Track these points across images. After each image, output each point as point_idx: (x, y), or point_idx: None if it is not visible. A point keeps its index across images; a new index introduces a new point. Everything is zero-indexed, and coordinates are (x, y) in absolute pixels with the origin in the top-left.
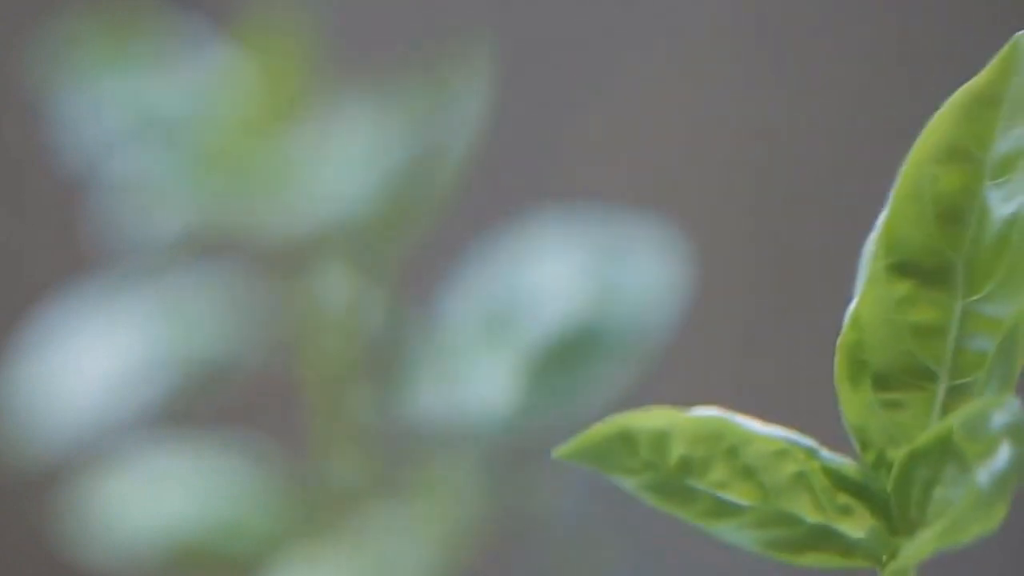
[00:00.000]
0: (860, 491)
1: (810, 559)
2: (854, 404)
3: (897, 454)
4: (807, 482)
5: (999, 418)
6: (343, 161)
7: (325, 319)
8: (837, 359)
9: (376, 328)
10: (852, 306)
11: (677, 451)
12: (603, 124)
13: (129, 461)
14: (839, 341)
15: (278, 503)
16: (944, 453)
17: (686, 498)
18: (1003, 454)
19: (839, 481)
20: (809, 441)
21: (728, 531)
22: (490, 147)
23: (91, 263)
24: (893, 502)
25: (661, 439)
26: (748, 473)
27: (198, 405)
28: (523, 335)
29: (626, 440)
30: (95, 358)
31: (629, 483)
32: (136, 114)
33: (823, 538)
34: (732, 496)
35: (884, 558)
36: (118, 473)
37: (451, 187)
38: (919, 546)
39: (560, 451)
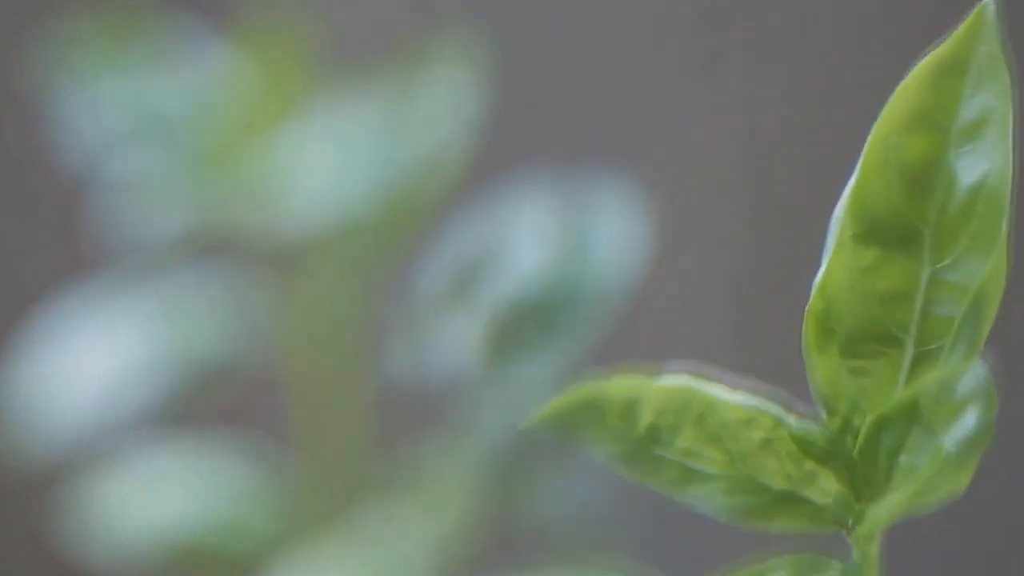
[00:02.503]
0: (826, 457)
1: (778, 525)
2: (821, 371)
3: (864, 420)
4: (774, 449)
5: (965, 383)
6: (342, 161)
7: (324, 319)
8: (805, 326)
9: (373, 324)
10: (820, 274)
11: (645, 419)
12: (602, 122)
13: (129, 461)
14: (807, 308)
15: (278, 503)
16: (910, 419)
17: (655, 466)
18: (969, 419)
19: (806, 447)
20: (777, 408)
21: (696, 499)
22: (488, 144)
23: (91, 263)
24: (859, 468)
25: (629, 407)
26: (715, 440)
27: (198, 405)
28: (491, 294)
29: (594, 409)
30: (95, 358)
31: (598, 452)
32: (136, 114)
33: (790, 504)
34: (700, 464)
35: (851, 523)
36: (118, 473)
37: (451, 186)
38: (885, 510)
39: (528, 421)
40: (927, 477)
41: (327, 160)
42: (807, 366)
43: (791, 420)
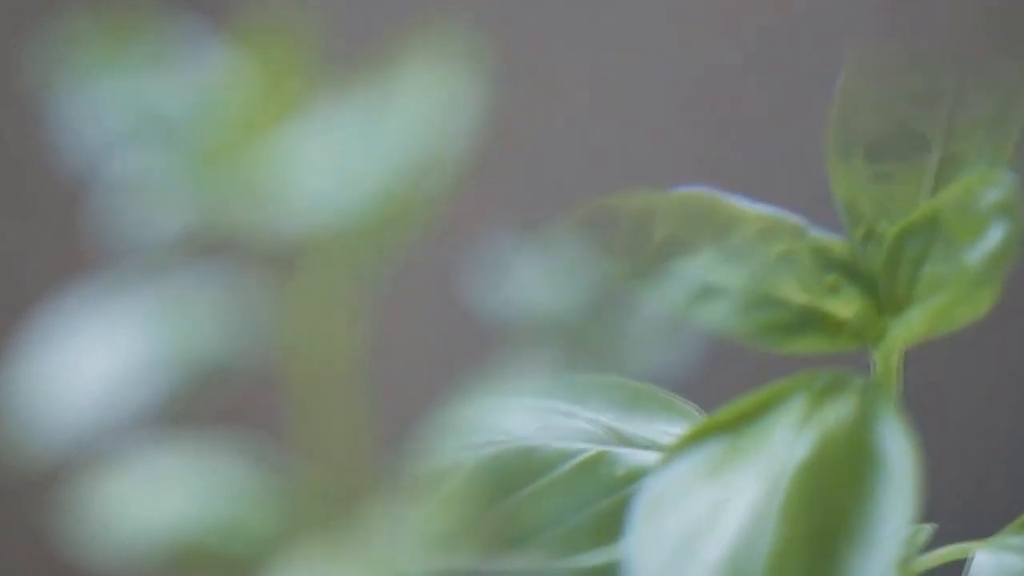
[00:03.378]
0: (848, 270)
1: (797, 345)
2: (844, 178)
3: (887, 230)
4: (794, 261)
5: (990, 194)
6: (342, 161)
7: (324, 319)
8: (828, 132)
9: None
10: (841, 76)
11: (661, 231)
12: (601, 118)
13: (129, 461)
14: (829, 113)
15: (278, 503)
16: (934, 230)
17: (670, 281)
18: (994, 233)
19: (827, 259)
20: (797, 219)
21: (712, 316)
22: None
23: (91, 263)
24: (882, 280)
25: (644, 218)
26: (733, 254)
27: (198, 405)
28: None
29: (610, 220)
30: (95, 358)
31: (613, 267)
32: (136, 114)
33: (810, 320)
34: (716, 279)
35: (872, 339)
36: (118, 473)
37: (450, 185)
38: (908, 326)
39: (547, 231)
40: (951, 292)
41: (327, 160)
42: (830, 173)
43: (812, 232)
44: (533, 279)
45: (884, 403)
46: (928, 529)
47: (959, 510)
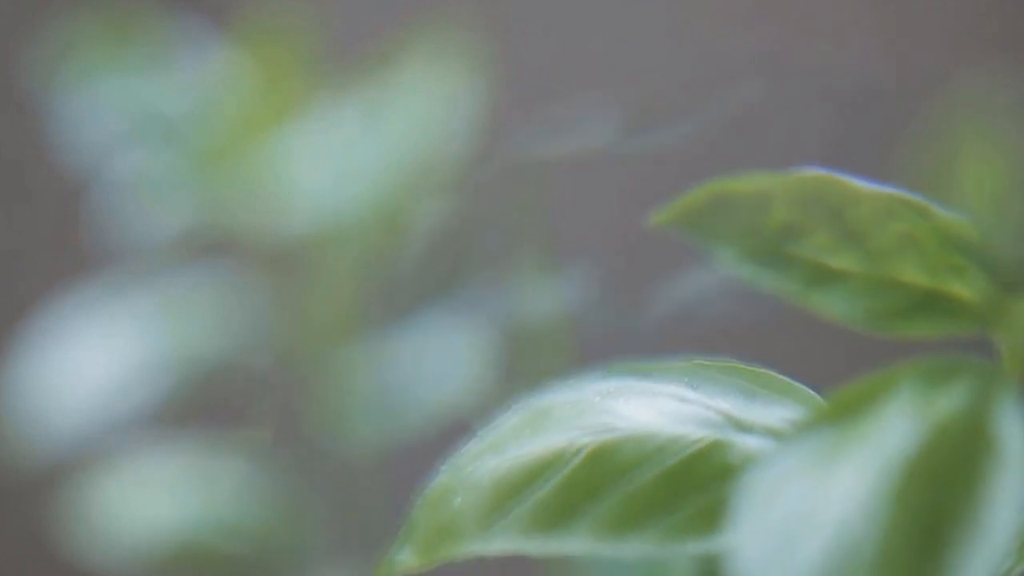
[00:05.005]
0: (974, 250)
1: (916, 328)
2: (973, 154)
3: (1016, 208)
4: (917, 242)
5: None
6: (341, 161)
7: (324, 319)
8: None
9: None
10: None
11: (778, 214)
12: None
13: (129, 461)
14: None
15: (278, 503)
16: None
17: (786, 266)
18: None
19: (951, 240)
20: (920, 198)
21: (830, 301)
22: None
23: (91, 263)
24: (1010, 260)
25: (761, 202)
26: (853, 236)
27: (198, 405)
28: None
29: (724, 204)
30: (95, 358)
31: (727, 252)
32: (136, 114)
33: (932, 304)
34: (835, 262)
35: (999, 321)
36: (118, 473)
37: (449, 184)
38: None
39: (656, 217)
40: None
41: (326, 160)
42: (959, 150)
43: (935, 210)
44: (536, 283)
45: (1005, 389)
46: None
47: None
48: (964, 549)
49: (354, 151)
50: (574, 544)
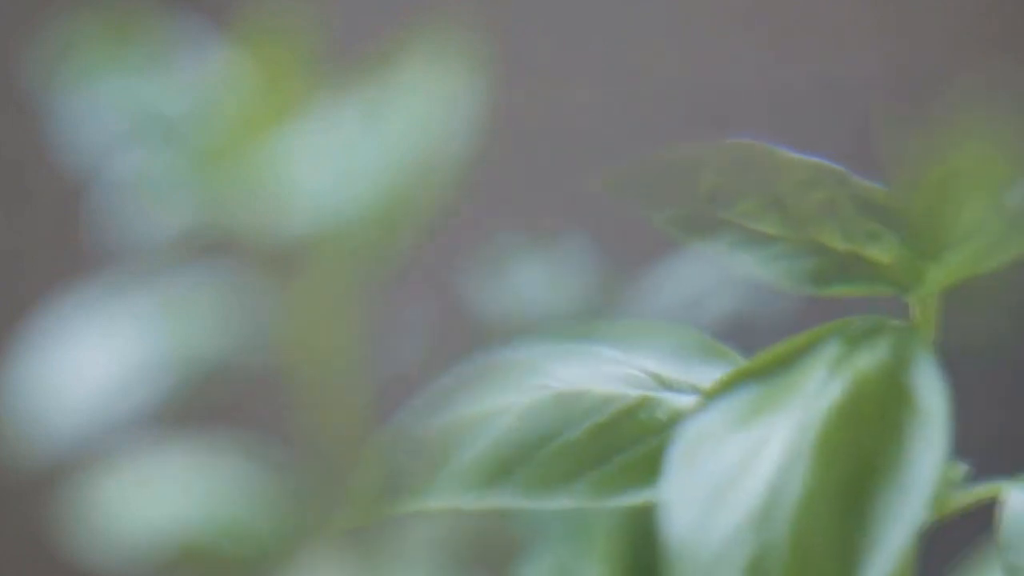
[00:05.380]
0: (888, 216)
1: (835, 289)
2: (891, 127)
3: (928, 176)
4: (836, 208)
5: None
6: (342, 160)
7: (324, 319)
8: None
9: (373, 323)
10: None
11: (708, 181)
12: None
13: (129, 461)
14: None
15: (278, 503)
16: (974, 175)
17: (716, 230)
18: None
19: (867, 207)
20: (839, 168)
21: (756, 262)
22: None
23: (91, 263)
24: (921, 226)
25: (693, 168)
26: (778, 202)
27: (198, 405)
28: None
29: (660, 171)
30: (95, 358)
31: (661, 215)
32: (136, 114)
33: (850, 267)
34: (762, 226)
35: (912, 284)
36: (118, 473)
37: (451, 185)
38: (945, 269)
39: (598, 182)
40: (987, 234)
41: (326, 160)
42: (882, 128)
43: (853, 179)
44: (533, 278)
45: (919, 346)
46: (961, 468)
47: (992, 450)
48: (889, 498)
49: (354, 151)
50: (507, 500)
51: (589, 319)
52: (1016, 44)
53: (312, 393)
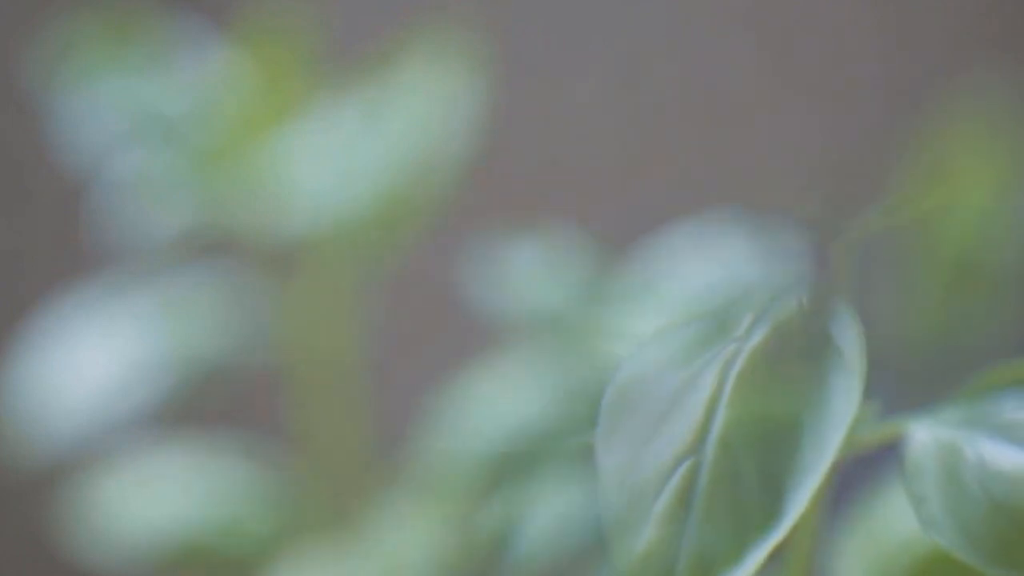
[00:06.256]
0: (819, 182)
1: (771, 243)
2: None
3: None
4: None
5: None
6: (341, 160)
7: (324, 319)
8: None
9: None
10: None
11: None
12: (599, 122)
13: (129, 461)
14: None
15: (278, 503)
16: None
17: None
18: (948, 142)
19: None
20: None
21: None
22: (488, 144)
23: (91, 263)
24: (846, 189)
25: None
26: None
27: (198, 405)
28: None
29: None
30: (95, 358)
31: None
32: (136, 114)
33: (783, 224)
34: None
35: (833, 237)
36: (118, 473)
37: (450, 186)
38: (862, 222)
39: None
40: (901, 190)
41: (326, 160)
42: None
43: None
44: (529, 274)
45: (836, 294)
46: (872, 407)
47: (899, 390)
48: (810, 430)
49: (354, 151)
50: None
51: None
52: (1016, 44)
53: (312, 393)
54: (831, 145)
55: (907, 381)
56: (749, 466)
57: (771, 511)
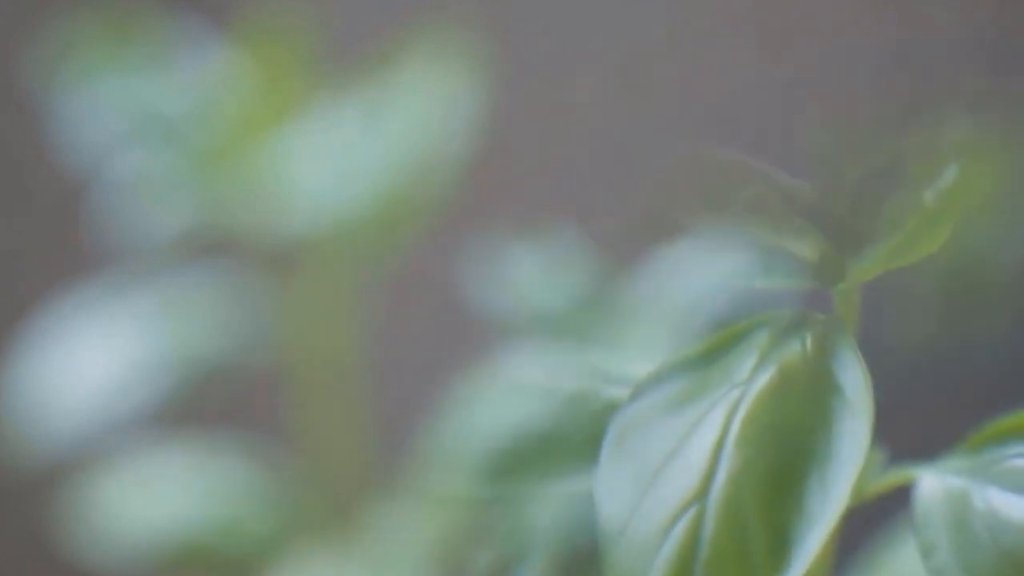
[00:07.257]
0: (813, 214)
1: (765, 282)
2: (815, 130)
3: (852, 175)
4: (764, 206)
5: (949, 135)
6: (341, 160)
7: (324, 319)
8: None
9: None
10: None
11: (665, 188)
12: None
13: (129, 461)
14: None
15: (278, 503)
16: (895, 172)
17: (670, 232)
18: (949, 171)
19: (793, 204)
20: (767, 167)
21: (690, 257)
22: (489, 145)
23: (91, 263)
24: (844, 224)
25: (663, 180)
26: (713, 200)
27: (198, 405)
28: None
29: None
30: (95, 358)
31: (629, 223)
32: (136, 114)
33: (778, 262)
34: (697, 222)
35: (834, 278)
36: (118, 473)
37: (450, 186)
38: (867, 264)
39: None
40: (906, 229)
41: (326, 160)
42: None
43: (779, 177)
44: (529, 274)
45: (841, 337)
46: (879, 454)
47: (909, 436)
48: (815, 481)
49: (354, 151)
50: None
51: (584, 318)
52: (1016, 44)
53: (312, 393)
54: (831, 144)
55: (916, 426)
56: (756, 515)
57: (779, 561)
